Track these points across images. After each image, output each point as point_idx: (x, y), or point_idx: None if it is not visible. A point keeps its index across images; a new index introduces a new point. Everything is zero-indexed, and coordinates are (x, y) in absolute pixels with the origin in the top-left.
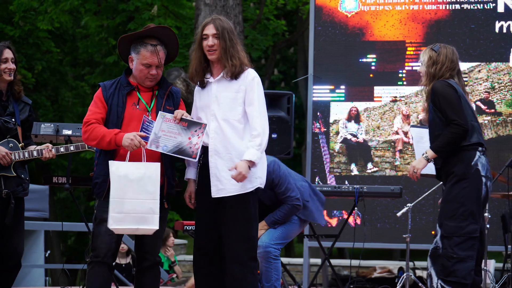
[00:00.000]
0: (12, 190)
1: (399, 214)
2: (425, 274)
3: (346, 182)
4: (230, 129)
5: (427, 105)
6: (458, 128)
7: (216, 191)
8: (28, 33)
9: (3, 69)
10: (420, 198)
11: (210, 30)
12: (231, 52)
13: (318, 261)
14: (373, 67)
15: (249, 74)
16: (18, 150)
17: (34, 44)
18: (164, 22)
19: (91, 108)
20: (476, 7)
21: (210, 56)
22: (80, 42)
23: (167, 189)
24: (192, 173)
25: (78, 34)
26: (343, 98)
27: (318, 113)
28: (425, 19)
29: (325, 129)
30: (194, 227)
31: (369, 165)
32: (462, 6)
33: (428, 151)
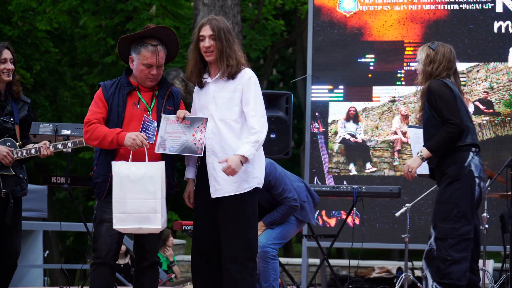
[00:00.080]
0: (11, 190)
1: (397, 214)
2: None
3: (345, 182)
4: (227, 129)
5: (422, 104)
6: (454, 127)
7: (213, 191)
8: (26, 33)
9: (2, 70)
10: (418, 198)
11: (206, 31)
12: (227, 53)
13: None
14: (371, 67)
15: (245, 74)
16: (16, 149)
17: (32, 44)
18: (162, 22)
19: (91, 108)
20: (474, 7)
21: (207, 58)
22: (79, 42)
23: (167, 189)
24: (192, 172)
25: (77, 34)
26: (341, 98)
27: (317, 113)
28: (423, 19)
29: (324, 129)
30: (193, 227)
31: (368, 165)
32: (461, 6)
33: (423, 150)
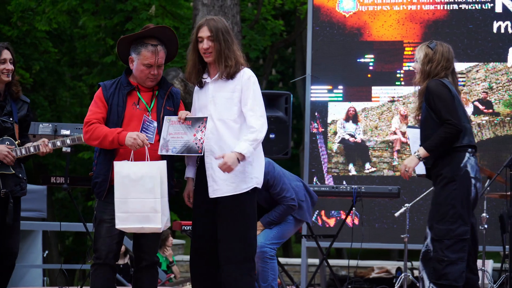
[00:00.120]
0: (10, 190)
1: (397, 214)
2: None
3: (344, 182)
4: (226, 129)
5: (419, 103)
6: (451, 128)
7: (212, 191)
8: (26, 33)
9: (1, 70)
10: (418, 198)
11: (204, 32)
12: (226, 54)
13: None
14: (371, 67)
15: (244, 74)
16: (14, 147)
17: (32, 44)
18: (161, 22)
19: (91, 108)
20: (474, 7)
21: (206, 59)
22: (78, 42)
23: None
24: (191, 172)
25: (76, 34)
26: (341, 98)
27: (316, 113)
28: (423, 19)
29: (323, 129)
30: (191, 227)
31: (367, 165)
32: (460, 6)
33: (420, 150)
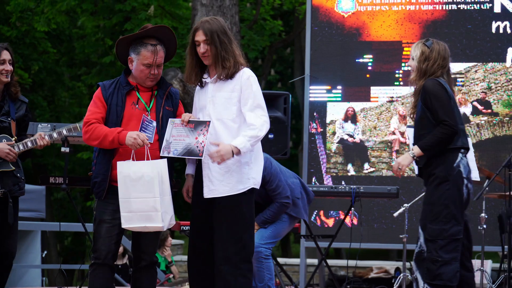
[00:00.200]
0: (8, 190)
1: (395, 214)
2: None
3: (343, 183)
4: (224, 128)
5: (415, 102)
6: (447, 129)
7: (207, 191)
8: (24, 33)
9: (0, 71)
10: (417, 199)
11: (200, 36)
12: (222, 56)
13: (315, 261)
14: (369, 68)
15: (244, 74)
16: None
17: (30, 44)
18: (160, 22)
19: (90, 108)
20: (472, 8)
21: (205, 62)
22: (77, 43)
23: None
24: (192, 169)
25: (75, 35)
26: (339, 99)
27: (315, 114)
28: (421, 19)
29: (322, 130)
30: (189, 227)
31: (366, 166)
32: (459, 6)
33: (415, 148)
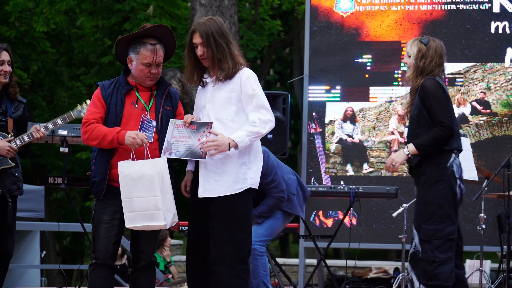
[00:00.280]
0: (7, 189)
1: (394, 214)
2: None
3: (342, 183)
4: (223, 128)
5: (412, 100)
6: (445, 130)
7: (203, 191)
8: (23, 33)
9: None
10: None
11: (197, 39)
12: (218, 58)
13: (314, 261)
14: (368, 68)
15: (243, 74)
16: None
17: (29, 44)
18: (159, 22)
19: (89, 108)
20: (471, 8)
21: (204, 63)
22: (76, 43)
23: None
24: (192, 165)
25: (74, 35)
26: (338, 99)
27: (314, 114)
28: (420, 19)
29: (321, 130)
30: (188, 227)
31: (365, 166)
32: (458, 6)
33: (410, 146)
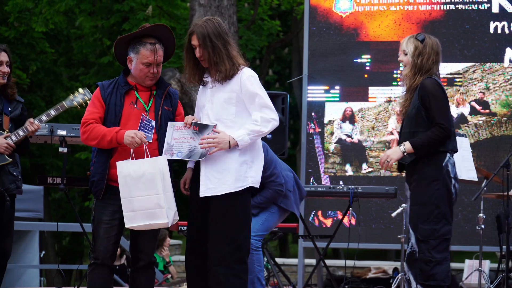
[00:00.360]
0: (5, 188)
1: (393, 214)
2: None
3: (341, 183)
4: (223, 128)
5: (410, 98)
6: (442, 132)
7: (204, 190)
8: (22, 33)
9: None
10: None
11: (194, 40)
12: (214, 60)
13: (313, 261)
14: (367, 68)
15: (243, 74)
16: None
17: (28, 44)
18: (158, 22)
19: (89, 108)
20: (470, 8)
21: (203, 64)
22: (75, 43)
23: None
24: (192, 162)
25: (73, 35)
26: (337, 99)
27: (313, 114)
28: (419, 19)
29: (320, 130)
30: (187, 227)
31: (364, 166)
32: (457, 6)
33: (407, 144)
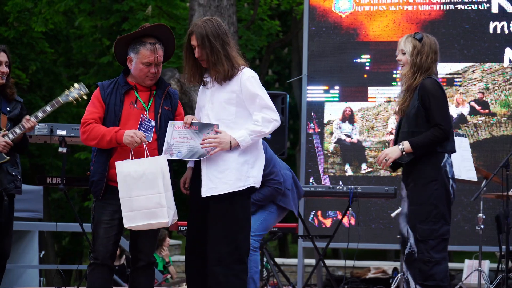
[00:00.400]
0: (3, 188)
1: (393, 214)
2: None
3: (341, 183)
4: (224, 129)
5: (409, 98)
6: (441, 133)
7: (206, 190)
8: (22, 33)
9: None
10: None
11: (194, 41)
12: (212, 61)
13: (313, 261)
14: (367, 68)
15: (243, 74)
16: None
17: (28, 44)
18: (158, 22)
19: (88, 108)
20: (470, 8)
21: (202, 65)
22: (74, 43)
23: None
24: (192, 162)
25: (72, 35)
26: (337, 99)
27: (312, 114)
28: (419, 19)
29: (319, 130)
30: (186, 226)
31: (363, 166)
32: (456, 6)
33: (405, 144)
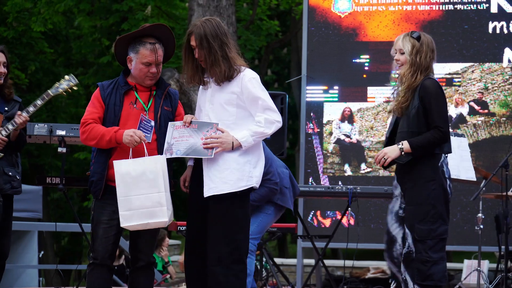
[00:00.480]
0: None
1: None
2: None
3: (340, 183)
4: (224, 128)
5: (409, 98)
6: (441, 135)
7: (207, 190)
8: (21, 33)
9: None
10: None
11: (193, 41)
12: (210, 62)
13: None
14: (366, 68)
15: (244, 76)
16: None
17: (27, 44)
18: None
19: (88, 108)
20: (469, 8)
21: (202, 65)
22: (74, 43)
23: None
24: (192, 160)
25: (72, 35)
26: (336, 99)
27: (312, 114)
28: (418, 19)
29: (319, 130)
30: (186, 226)
31: (363, 166)
32: (455, 6)
33: (405, 144)
